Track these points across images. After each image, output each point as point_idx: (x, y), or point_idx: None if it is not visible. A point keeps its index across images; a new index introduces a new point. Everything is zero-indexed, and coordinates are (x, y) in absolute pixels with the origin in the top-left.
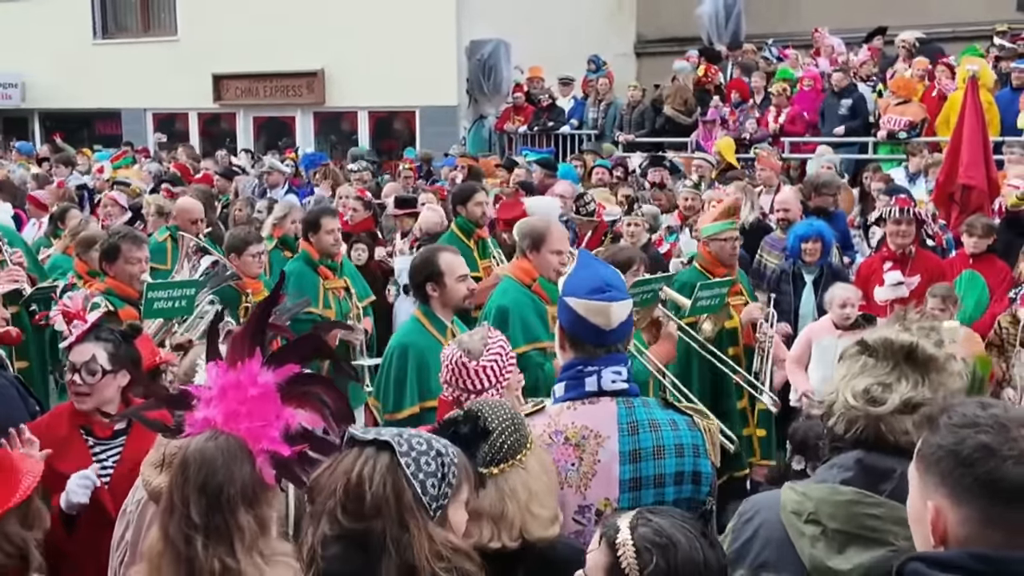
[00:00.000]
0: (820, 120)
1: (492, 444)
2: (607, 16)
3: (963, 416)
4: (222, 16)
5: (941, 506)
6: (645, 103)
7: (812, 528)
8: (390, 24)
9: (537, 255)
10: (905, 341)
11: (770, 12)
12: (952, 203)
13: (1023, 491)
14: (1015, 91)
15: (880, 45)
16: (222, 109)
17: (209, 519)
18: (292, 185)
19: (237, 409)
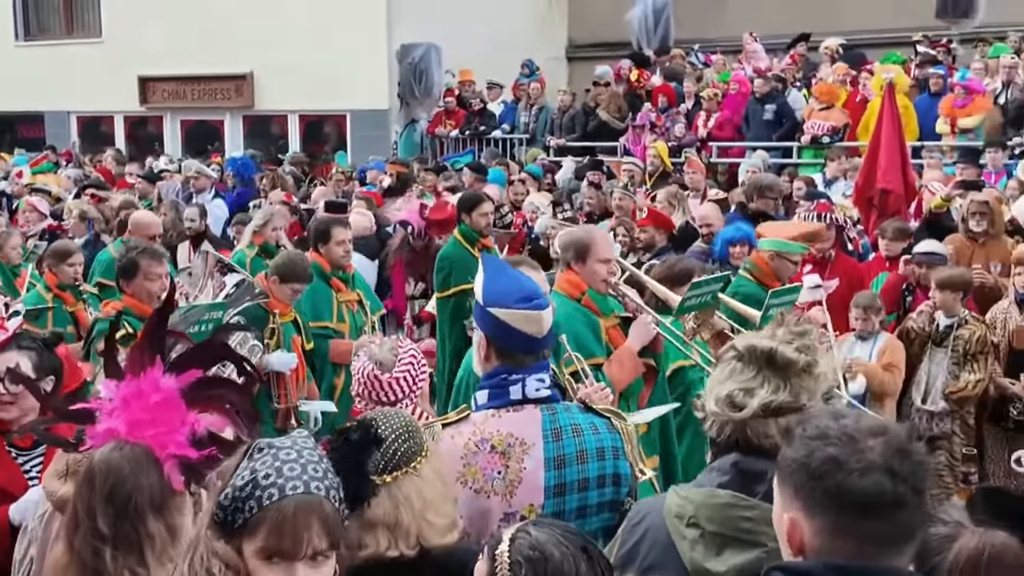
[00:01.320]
0: (745, 125)
1: (385, 451)
2: (538, 21)
3: (816, 428)
4: (148, 17)
5: (796, 518)
6: (576, 107)
7: (692, 531)
8: (320, 27)
9: (583, 266)
10: (765, 347)
11: (697, 18)
12: (871, 207)
13: (868, 502)
14: (933, 96)
15: (804, 51)
16: (148, 112)
17: (117, 529)
18: (218, 190)
19: (141, 417)
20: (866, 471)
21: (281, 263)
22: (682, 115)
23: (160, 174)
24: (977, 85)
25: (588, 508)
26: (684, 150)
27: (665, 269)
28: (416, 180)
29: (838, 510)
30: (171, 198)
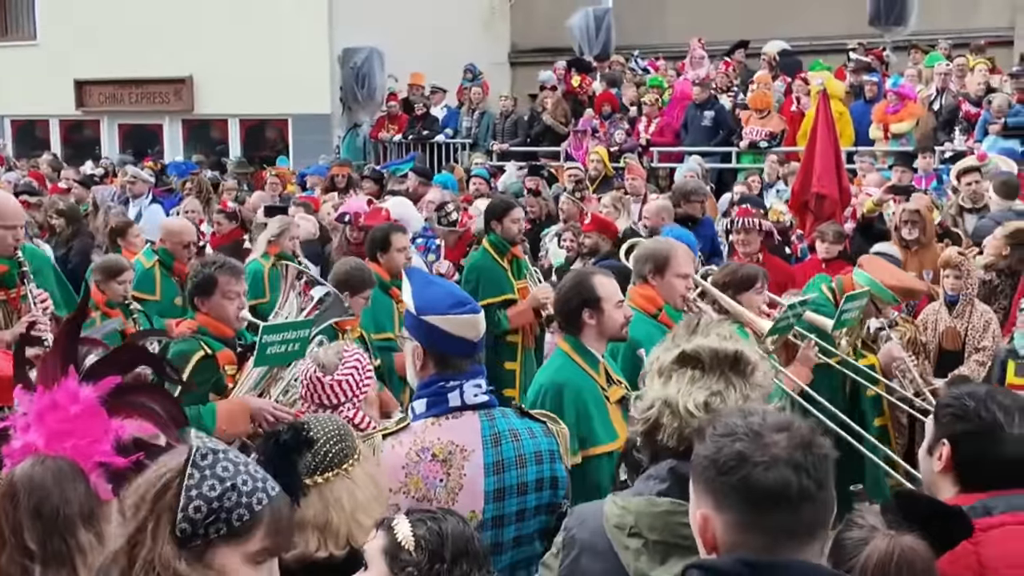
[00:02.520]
0: (683, 131)
1: (316, 453)
2: (481, 25)
3: (724, 426)
4: (84, 19)
5: (707, 514)
6: (518, 112)
7: (635, 541)
8: (262, 30)
9: (661, 280)
10: (730, 350)
11: (638, 24)
12: (807, 211)
13: (773, 496)
14: (867, 103)
15: (742, 58)
16: (85, 116)
17: (46, 545)
18: (155, 194)
19: (59, 429)
20: (770, 465)
21: (348, 275)
22: (624, 121)
23: (95, 177)
24: (909, 91)
25: (527, 511)
26: (625, 155)
27: (728, 275)
28: (359, 186)
29: (745, 504)
30: (106, 204)
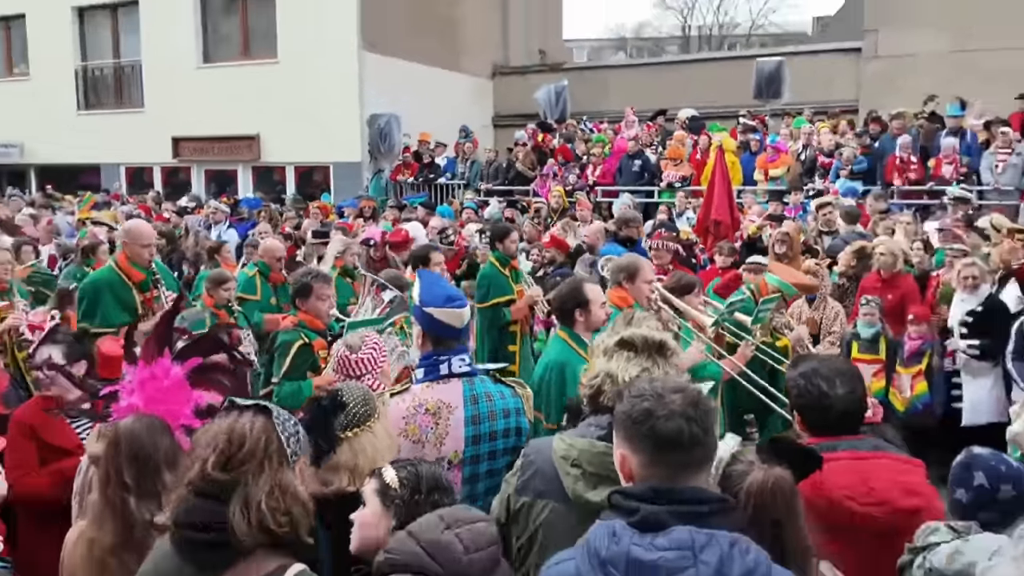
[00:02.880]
0: (619, 174)
1: (347, 414)
2: (472, 97)
3: (637, 389)
4: (179, 92)
5: (625, 453)
6: (499, 161)
7: (575, 471)
8: (310, 100)
9: (632, 285)
10: (656, 338)
11: (586, 97)
12: (708, 233)
13: (672, 440)
14: (752, 154)
15: (662, 122)
16: (180, 164)
17: (140, 482)
18: (231, 222)
19: (154, 395)
20: (669, 417)
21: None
22: (576, 168)
23: (187, 209)
24: (782, 146)
25: (496, 452)
26: (576, 193)
27: (675, 282)
28: (382, 215)
29: (652, 447)
30: (196, 229)
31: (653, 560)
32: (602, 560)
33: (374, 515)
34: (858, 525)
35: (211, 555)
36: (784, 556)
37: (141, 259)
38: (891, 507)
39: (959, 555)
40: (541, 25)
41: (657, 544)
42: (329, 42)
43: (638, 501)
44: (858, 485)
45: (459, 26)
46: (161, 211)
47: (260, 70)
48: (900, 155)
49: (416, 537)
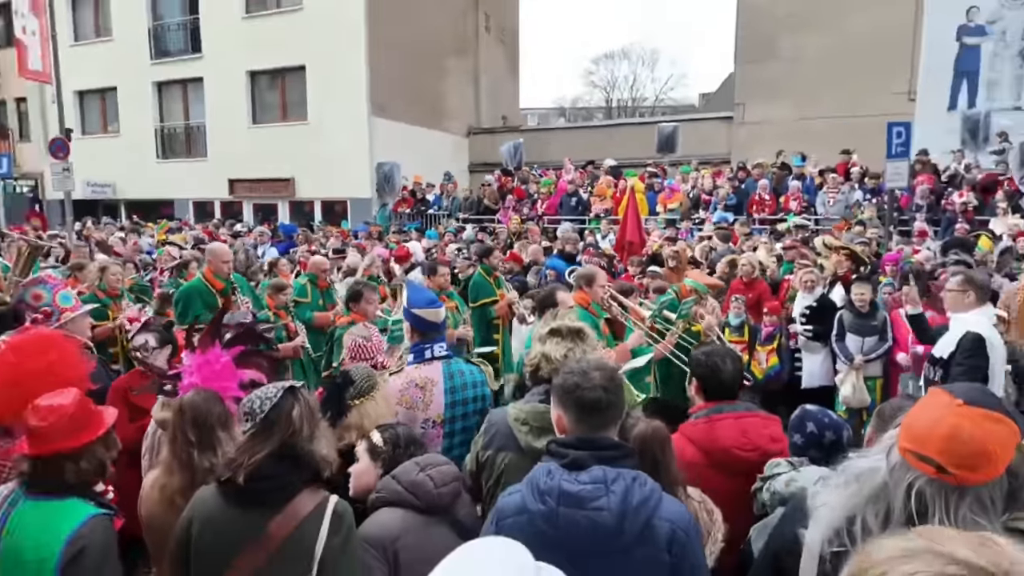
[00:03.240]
0: (560, 208)
1: (355, 387)
2: (453, 150)
3: (568, 367)
4: (233, 145)
5: (560, 414)
6: (473, 198)
7: (525, 427)
8: (332, 150)
9: (591, 289)
10: (575, 326)
11: (537, 151)
12: (623, 250)
13: (592, 405)
14: (655, 192)
15: (592, 169)
16: (234, 199)
17: (200, 438)
18: (273, 242)
19: (209, 375)
20: (591, 389)
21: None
22: (529, 203)
23: (239, 233)
24: (676, 187)
25: (468, 414)
26: (528, 221)
27: (618, 287)
28: (387, 237)
29: (578, 409)
30: (246, 247)
31: (577, 491)
32: (541, 491)
33: (366, 467)
34: (739, 466)
35: (277, 495)
36: (661, 482)
37: (222, 272)
38: (762, 451)
39: (793, 482)
40: (504, 97)
41: (580, 479)
42: (346, 109)
43: (568, 448)
44: (739, 436)
45: (443, 98)
46: (219, 234)
47: (295, 129)
48: (760, 194)
49: (398, 479)
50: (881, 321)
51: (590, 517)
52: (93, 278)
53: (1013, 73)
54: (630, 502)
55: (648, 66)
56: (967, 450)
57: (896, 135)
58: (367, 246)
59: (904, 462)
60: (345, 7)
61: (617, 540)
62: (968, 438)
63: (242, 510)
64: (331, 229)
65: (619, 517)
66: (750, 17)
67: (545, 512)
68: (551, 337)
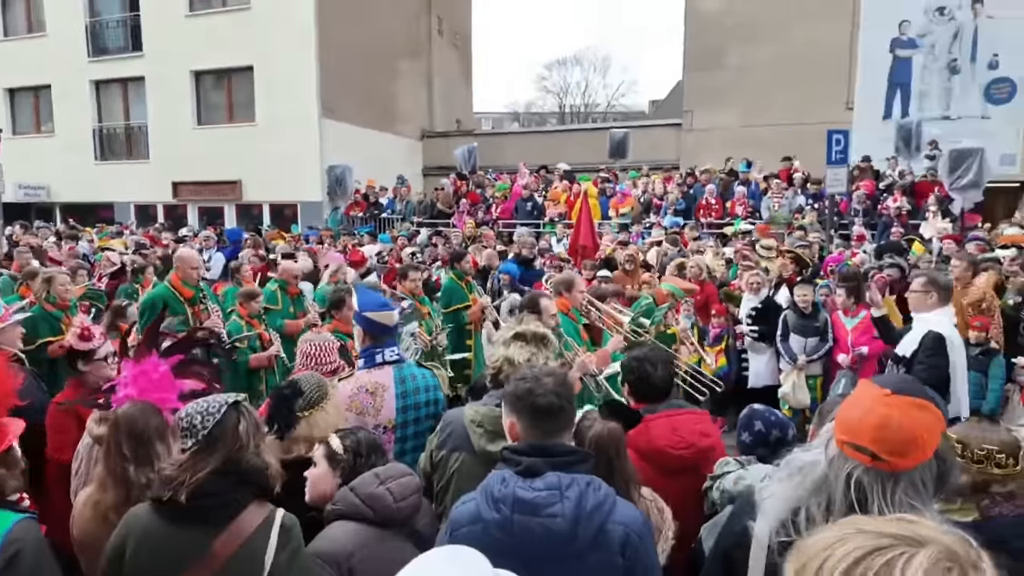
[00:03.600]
0: (516, 212)
1: (305, 397)
2: (407, 153)
3: (521, 374)
4: (178, 146)
5: (513, 421)
6: (427, 201)
7: (480, 430)
8: (282, 153)
9: (570, 294)
10: (540, 332)
11: (491, 155)
12: (577, 254)
13: (545, 411)
14: (608, 197)
15: (545, 174)
16: (178, 202)
17: (136, 452)
18: (218, 247)
19: (146, 386)
20: (543, 395)
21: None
22: (484, 207)
23: (184, 238)
24: (628, 192)
25: (420, 418)
26: (483, 226)
27: (595, 293)
28: (339, 241)
29: (531, 416)
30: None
31: (532, 498)
32: (495, 500)
33: (324, 474)
34: (675, 464)
35: (221, 512)
36: (616, 482)
37: (191, 279)
38: (695, 448)
39: (742, 479)
40: (457, 101)
41: (535, 486)
42: (296, 110)
43: (521, 455)
44: (671, 435)
45: (396, 101)
46: (162, 239)
47: (242, 131)
48: (707, 199)
49: (356, 491)
50: (823, 322)
51: (544, 524)
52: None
53: (941, 85)
54: (584, 507)
55: (600, 72)
56: (897, 437)
57: (835, 142)
58: (318, 250)
59: (842, 454)
60: (294, 7)
61: (571, 546)
62: (897, 426)
63: (183, 528)
64: (280, 234)
65: (573, 523)
66: (698, 27)
67: (500, 520)
68: (515, 341)
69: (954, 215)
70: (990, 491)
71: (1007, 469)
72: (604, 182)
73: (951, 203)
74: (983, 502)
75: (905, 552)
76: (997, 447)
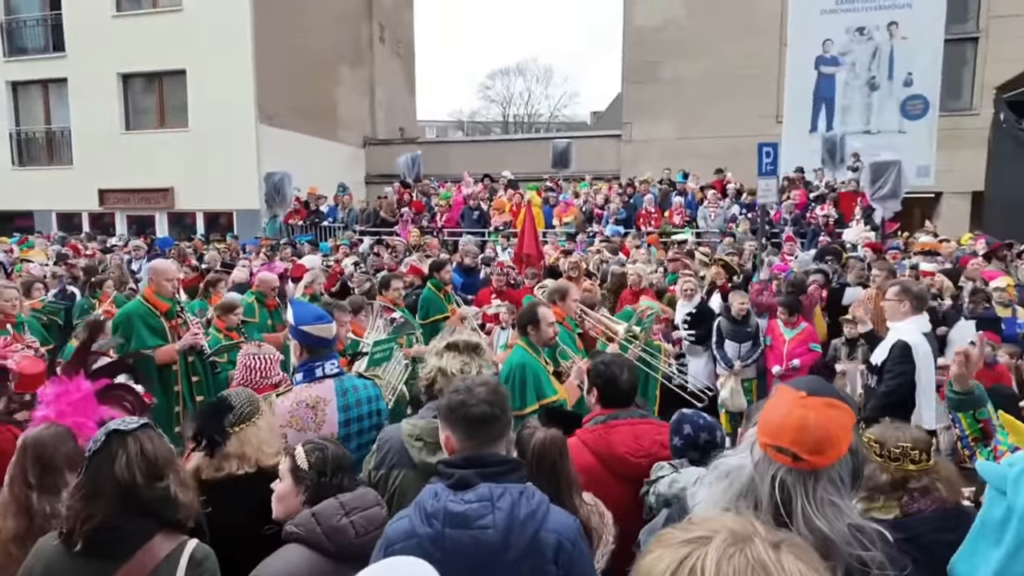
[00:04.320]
0: (461, 221)
1: (235, 413)
2: (349, 161)
3: (454, 386)
4: (103, 151)
5: (448, 434)
6: (370, 210)
7: (419, 443)
8: (217, 159)
9: (564, 303)
10: (472, 341)
11: (436, 163)
12: (522, 262)
13: (478, 421)
14: (551, 207)
15: (490, 183)
16: (105, 210)
17: (42, 480)
18: (148, 257)
19: (65, 408)
20: (476, 404)
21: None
22: (428, 215)
23: (112, 247)
24: (571, 201)
25: (363, 430)
26: (427, 235)
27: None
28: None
29: (465, 427)
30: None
31: (463, 510)
32: (428, 514)
33: (288, 490)
34: (632, 471)
35: (123, 545)
36: (559, 487)
37: (166, 291)
38: (654, 456)
39: (675, 483)
40: (400, 109)
41: (466, 498)
42: (231, 116)
43: (454, 468)
44: (632, 442)
45: (336, 108)
46: (85, 249)
47: (174, 136)
48: (647, 208)
49: (318, 518)
50: (754, 327)
51: (475, 536)
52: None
53: (862, 101)
54: (516, 517)
55: (543, 83)
56: (815, 437)
57: (765, 155)
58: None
59: (766, 456)
60: (230, 10)
61: (503, 556)
62: (815, 426)
63: (87, 561)
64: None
65: (505, 533)
66: (635, 42)
67: (432, 535)
68: (447, 351)
69: (875, 224)
70: (908, 487)
71: (921, 464)
72: (548, 192)
73: (873, 212)
74: (903, 499)
75: (699, 552)
76: (911, 444)
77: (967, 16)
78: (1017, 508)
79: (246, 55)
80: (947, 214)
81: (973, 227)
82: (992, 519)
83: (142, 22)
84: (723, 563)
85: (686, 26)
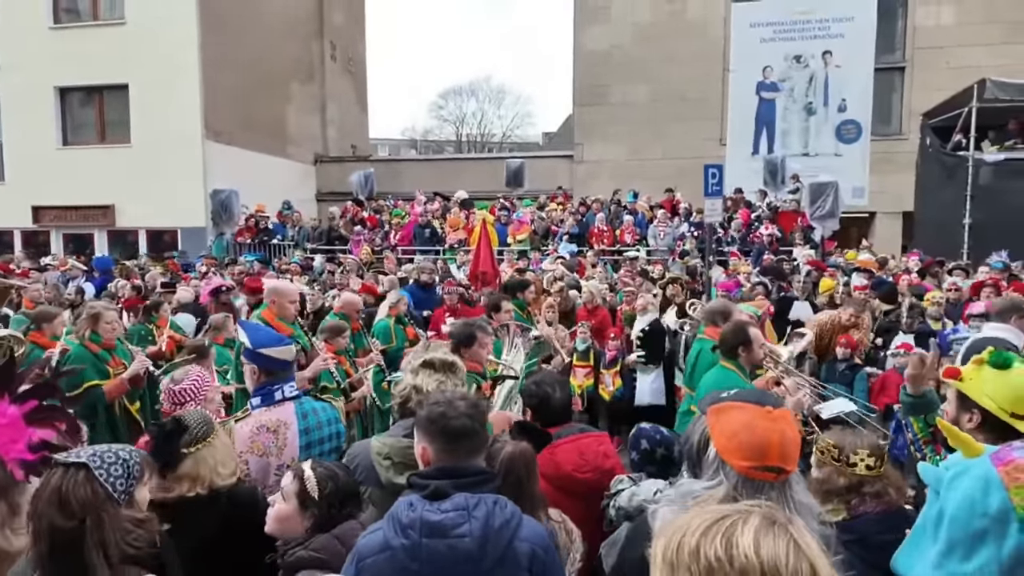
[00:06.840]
0: (415, 239)
1: (190, 434)
2: (299, 178)
3: (433, 399)
4: (38, 165)
5: (425, 446)
6: (322, 227)
7: (387, 462)
8: (161, 176)
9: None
10: (449, 359)
11: (389, 181)
12: (477, 280)
13: (457, 433)
14: (504, 225)
15: (443, 201)
16: (40, 228)
17: None
18: (88, 277)
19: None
20: (456, 417)
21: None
22: (382, 233)
23: (46, 266)
24: (525, 219)
25: (324, 452)
26: (381, 252)
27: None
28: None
29: (443, 439)
30: (53, 282)
31: (439, 520)
32: (404, 525)
33: (292, 512)
34: (582, 488)
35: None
36: (525, 501)
37: (288, 314)
38: (599, 469)
39: (635, 496)
40: (352, 127)
41: (442, 508)
42: (176, 132)
43: (429, 479)
44: (578, 459)
45: (286, 125)
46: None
47: (115, 152)
48: (599, 226)
49: (343, 542)
50: None
51: (452, 545)
52: None
53: (800, 125)
54: (492, 526)
55: (495, 103)
56: (791, 447)
57: (711, 176)
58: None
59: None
60: (174, 23)
61: (479, 565)
62: (791, 438)
63: None
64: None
65: (481, 542)
66: (586, 65)
67: (408, 546)
68: (423, 369)
69: (815, 242)
70: (862, 491)
71: (876, 470)
72: (502, 210)
73: (813, 231)
74: (852, 501)
75: (740, 517)
76: (868, 451)
77: (895, 47)
78: (947, 509)
79: (192, 70)
80: (881, 233)
81: (905, 245)
82: (929, 518)
83: (82, 34)
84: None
85: (633, 51)
